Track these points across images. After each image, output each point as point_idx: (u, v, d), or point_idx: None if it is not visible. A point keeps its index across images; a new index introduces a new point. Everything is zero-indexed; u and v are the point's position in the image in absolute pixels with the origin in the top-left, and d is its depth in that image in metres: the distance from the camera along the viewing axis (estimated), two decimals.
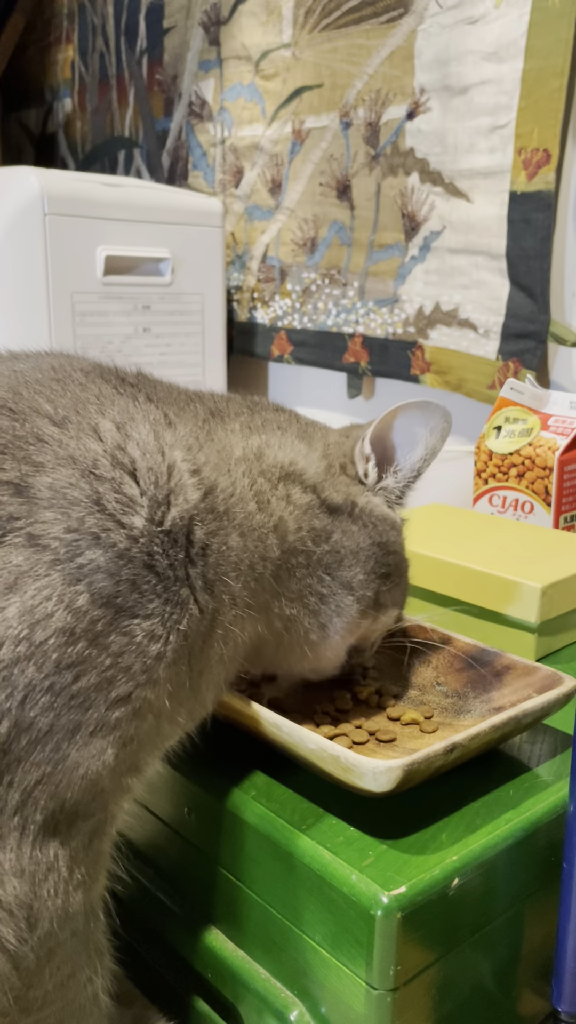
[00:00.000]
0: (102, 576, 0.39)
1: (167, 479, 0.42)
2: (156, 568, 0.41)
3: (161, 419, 0.45)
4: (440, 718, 0.56)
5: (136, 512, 0.41)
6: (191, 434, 0.46)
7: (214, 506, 0.44)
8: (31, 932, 0.40)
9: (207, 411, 0.51)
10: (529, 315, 1.09)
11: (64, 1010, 0.43)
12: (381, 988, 0.43)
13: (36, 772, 0.39)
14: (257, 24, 1.40)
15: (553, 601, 0.69)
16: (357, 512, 0.53)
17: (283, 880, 0.47)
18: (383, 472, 0.55)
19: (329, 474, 0.53)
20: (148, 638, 0.41)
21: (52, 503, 0.39)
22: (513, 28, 1.04)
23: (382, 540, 0.54)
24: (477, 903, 0.46)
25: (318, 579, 0.51)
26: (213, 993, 0.52)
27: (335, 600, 0.52)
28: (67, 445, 0.41)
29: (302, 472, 0.51)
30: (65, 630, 0.39)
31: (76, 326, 1.21)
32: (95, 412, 0.43)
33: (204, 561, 0.43)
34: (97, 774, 0.40)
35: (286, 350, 1.44)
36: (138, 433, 0.43)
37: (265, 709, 0.50)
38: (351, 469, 0.55)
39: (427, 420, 0.55)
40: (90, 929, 0.44)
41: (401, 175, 1.22)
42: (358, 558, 0.53)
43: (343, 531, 0.52)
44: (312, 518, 0.51)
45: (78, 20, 1.83)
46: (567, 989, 0.46)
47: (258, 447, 0.50)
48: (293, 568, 0.50)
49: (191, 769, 0.54)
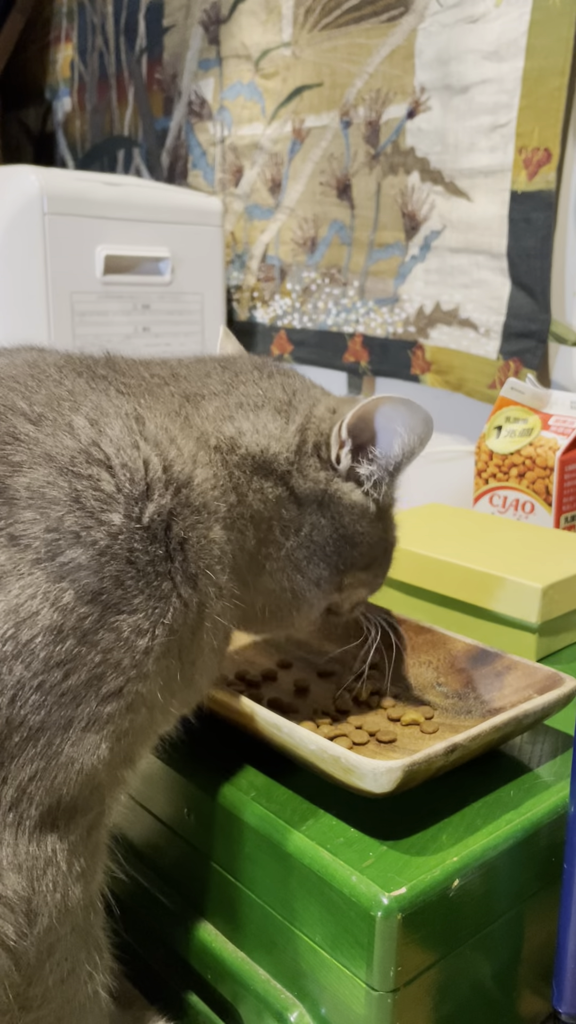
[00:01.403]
0: (86, 573, 0.39)
1: (143, 474, 0.42)
2: (137, 564, 0.41)
3: (132, 412, 0.45)
4: (440, 719, 0.56)
5: (114, 509, 0.41)
6: (165, 424, 0.46)
7: (190, 500, 0.44)
8: (31, 927, 0.40)
9: (182, 395, 0.50)
10: (530, 314, 1.08)
11: (64, 1007, 0.43)
12: (381, 989, 0.43)
13: (30, 768, 0.39)
14: (257, 23, 1.40)
15: (554, 601, 0.68)
16: (326, 500, 0.53)
17: (283, 881, 0.47)
18: (357, 459, 0.54)
19: (301, 454, 0.52)
20: (135, 633, 0.41)
21: (31, 503, 0.39)
22: (514, 27, 1.03)
23: (348, 533, 0.54)
24: (478, 904, 0.46)
25: (287, 577, 0.53)
26: (213, 994, 0.52)
27: (305, 596, 0.54)
28: (43, 443, 0.41)
29: (273, 459, 0.51)
30: (52, 628, 0.39)
31: (75, 326, 1.21)
32: (68, 409, 0.43)
33: (183, 555, 0.43)
34: (93, 768, 0.41)
35: (286, 350, 1.44)
36: (111, 429, 0.43)
37: (265, 710, 0.50)
38: (324, 451, 0.53)
39: (406, 419, 0.53)
40: (90, 923, 0.44)
41: (401, 174, 1.22)
42: (325, 553, 0.53)
43: (312, 524, 0.53)
44: (282, 509, 0.52)
45: (77, 19, 1.83)
46: (567, 990, 0.46)
47: (231, 436, 0.50)
48: (264, 560, 0.52)
49: (191, 769, 0.54)
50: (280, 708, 0.57)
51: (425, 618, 0.73)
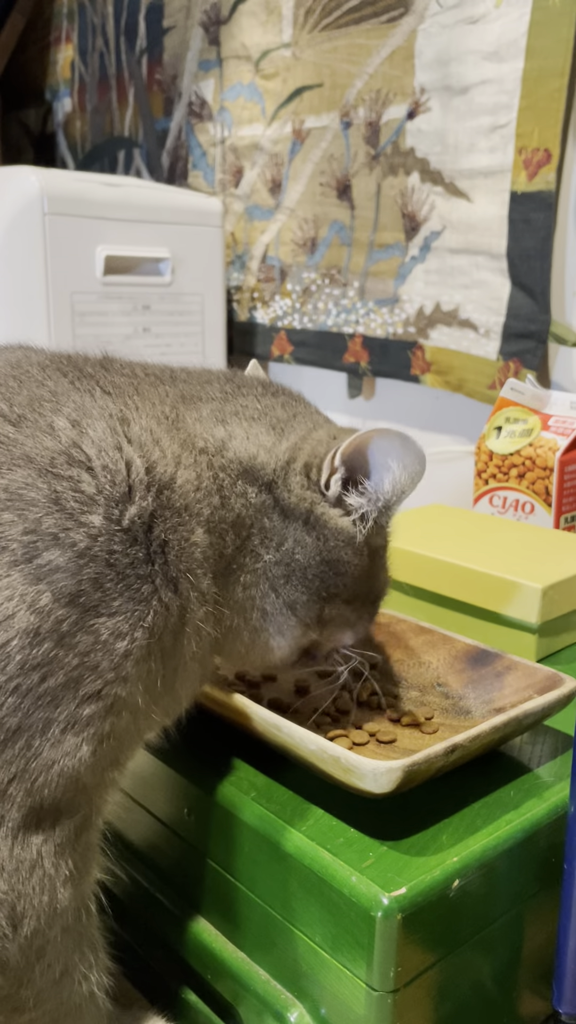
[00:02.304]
0: (63, 575, 0.39)
1: (125, 476, 0.42)
2: (117, 566, 0.41)
3: (117, 413, 0.44)
4: (441, 719, 0.56)
5: (94, 511, 0.40)
6: (149, 427, 0.45)
7: (172, 502, 0.44)
8: (15, 930, 0.40)
9: (178, 395, 0.50)
10: (530, 315, 1.08)
11: (59, 1008, 0.43)
12: (381, 989, 0.43)
13: (8, 770, 0.39)
14: (257, 24, 1.40)
15: (554, 602, 0.68)
16: (312, 521, 0.51)
17: (283, 881, 0.47)
18: (347, 488, 0.52)
19: (288, 471, 0.50)
20: (114, 636, 0.40)
21: (8, 505, 0.39)
22: (513, 28, 1.04)
23: (332, 558, 0.51)
24: (477, 904, 0.46)
25: (262, 593, 0.50)
26: (213, 994, 0.52)
27: (276, 620, 0.51)
28: (23, 444, 0.41)
29: (261, 468, 0.49)
30: (29, 631, 0.38)
31: (76, 326, 1.21)
32: (50, 410, 0.43)
33: (164, 558, 0.43)
34: (74, 770, 0.40)
35: (286, 350, 1.44)
36: (93, 430, 0.42)
37: (265, 710, 0.50)
38: (314, 474, 0.51)
39: (400, 455, 0.51)
40: (82, 924, 0.43)
41: (401, 175, 1.22)
42: (304, 576, 0.50)
43: (295, 540, 0.50)
44: (265, 517, 0.50)
45: (78, 20, 1.83)
46: (567, 990, 0.46)
47: (221, 439, 0.49)
48: (239, 571, 0.49)
49: (191, 769, 0.54)
50: (280, 708, 0.57)
51: (425, 618, 0.74)
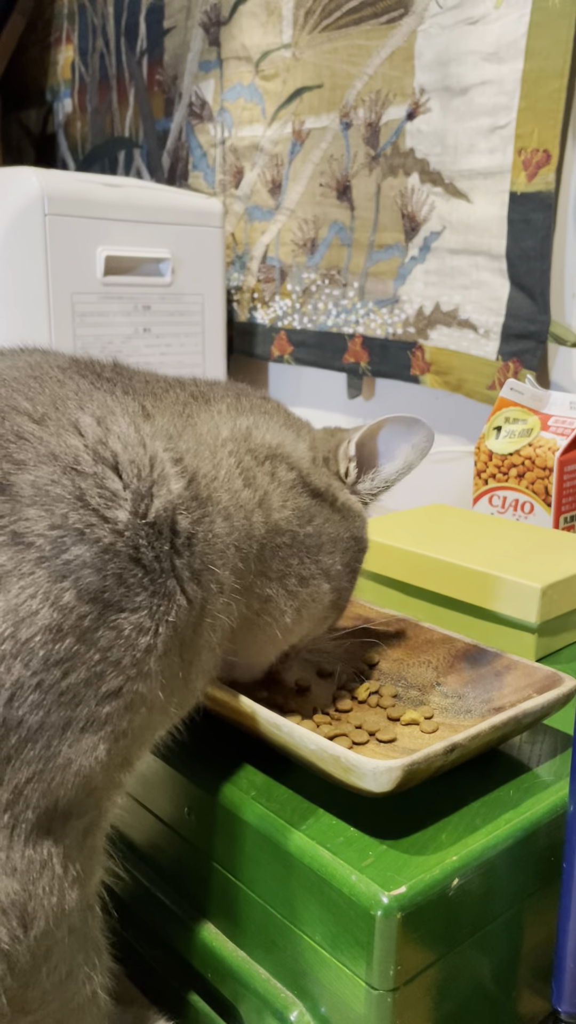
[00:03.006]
0: (88, 572, 0.39)
1: (149, 471, 0.42)
2: (142, 561, 0.41)
3: (139, 411, 0.45)
4: (440, 718, 0.56)
5: (120, 506, 0.41)
6: (170, 423, 0.46)
7: (197, 493, 0.44)
8: (25, 931, 0.40)
9: (188, 395, 0.52)
10: (529, 315, 1.09)
11: (62, 1009, 0.43)
12: (381, 988, 0.43)
13: (27, 770, 0.39)
14: (257, 24, 1.40)
15: (553, 601, 0.69)
16: (338, 504, 0.56)
17: (283, 880, 0.47)
18: (362, 475, 0.58)
19: (314, 464, 0.55)
20: (136, 631, 0.40)
21: (35, 500, 0.39)
22: (513, 29, 1.04)
23: (358, 535, 0.57)
24: (477, 903, 0.46)
25: (299, 560, 0.53)
26: (213, 993, 0.52)
27: (314, 584, 0.54)
28: (48, 442, 0.41)
29: (288, 455, 0.53)
30: (52, 627, 0.38)
31: (76, 326, 1.21)
32: (74, 408, 0.43)
33: (190, 551, 0.43)
34: (90, 770, 0.40)
35: (286, 350, 1.44)
36: (118, 426, 0.43)
37: (265, 709, 0.50)
38: (333, 465, 0.57)
39: (411, 437, 0.58)
40: (87, 925, 0.44)
41: (401, 175, 1.22)
42: (337, 546, 0.55)
43: (325, 517, 0.54)
44: (296, 496, 0.53)
45: (78, 20, 1.83)
46: (567, 989, 0.46)
47: (247, 428, 0.51)
48: (277, 548, 0.52)
49: (191, 769, 0.54)
50: (280, 708, 0.57)
51: (425, 618, 0.74)
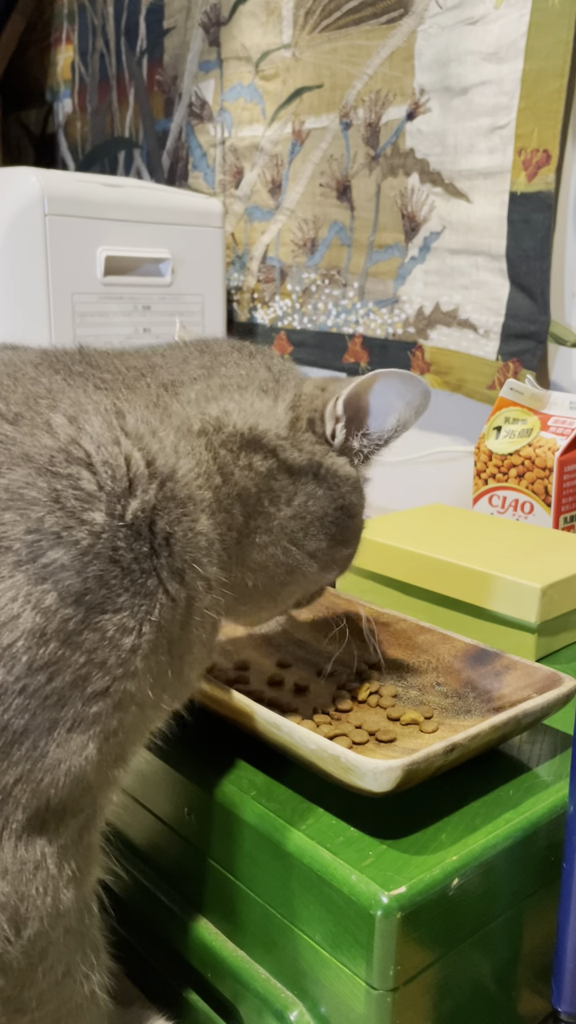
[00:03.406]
0: (68, 574, 0.39)
1: (125, 471, 0.42)
2: (121, 563, 0.40)
3: (111, 408, 0.44)
4: (440, 718, 0.56)
5: (96, 508, 0.40)
6: (144, 419, 0.45)
7: (175, 493, 0.43)
8: (17, 933, 0.40)
9: (159, 385, 0.50)
10: (529, 315, 1.09)
11: (60, 1009, 0.43)
12: (381, 988, 0.43)
13: (14, 771, 0.38)
14: (257, 25, 1.40)
15: (553, 601, 0.69)
16: (322, 473, 0.53)
17: (283, 880, 0.47)
18: (351, 434, 0.54)
19: (294, 429, 0.52)
20: (120, 632, 0.40)
21: (10, 504, 0.39)
22: (513, 29, 1.04)
23: (345, 503, 0.54)
24: (477, 903, 0.46)
25: (283, 550, 0.52)
26: (213, 993, 0.52)
27: (301, 570, 0.53)
28: (21, 443, 0.40)
29: (263, 435, 0.50)
30: (35, 631, 0.38)
31: (76, 326, 1.21)
32: (46, 407, 0.42)
33: (169, 551, 0.43)
34: (81, 769, 0.40)
35: (286, 351, 1.44)
36: (91, 426, 0.42)
37: (265, 709, 0.50)
38: (319, 426, 0.53)
39: (405, 393, 0.53)
40: (84, 925, 0.43)
41: (401, 176, 1.22)
42: (323, 524, 0.53)
43: (307, 494, 0.52)
44: (272, 481, 0.51)
45: (78, 20, 1.83)
46: (567, 989, 0.46)
47: (216, 417, 0.49)
48: (254, 533, 0.51)
49: (190, 769, 0.54)
50: (280, 707, 0.57)
51: (425, 618, 0.74)
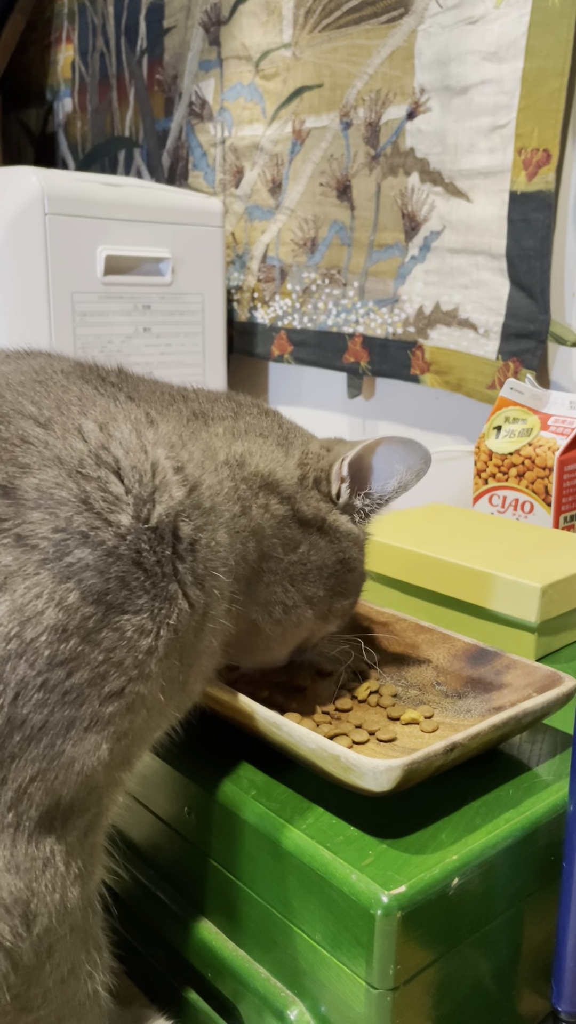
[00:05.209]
0: (92, 574, 0.39)
1: (151, 477, 0.43)
2: (144, 565, 0.41)
3: (142, 417, 0.45)
4: (440, 718, 0.56)
5: (122, 510, 0.41)
6: (174, 432, 0.47)
7: (200, 502, 0.45)
8: (28, 929, 0.40)
9: (191, 412, 0.53)
10: (529, 315, 1.09)
11: (64, 1007, 0.44)
12: (381, 987, 0.43)
13: (31, 769, 0.39)
14: (257, 24, 1.40)
15: (553, 601, 0.69)
16: (325, 527, 0.56)
17: (283, 879, 0.47)
18: (354, 493, 0.57)
19: (302, 486, 0.55)
20: (138, 633, 0.41)
21: (39, 503, 0.40)
22: (513, 28, 1.04)
23: (345, 557, 0.57)
24: (477, 903, 0.46)
25: (284, 589, 0.54)
26: (213, 992, 0.53)
27: (296, 612, 0.55)
28: (53, 446, 0.41)
29: (279, 483, 0.53)
30: (57, 627, 0.39)
31: (76, 326, 1.21)
32: (77, 413, 0.44)
33: (193, 556, 0.43)
34: (92, 769, 0.41)
35: (286, 350, 1.44)
36: (120, 432, 0.43)
37: (265, 708, 0.50)
38: (324, 486, 0.57)
39: (407, 457, 0.57)
40: (89, 923, 0.44)
41: (401, 175, 1.22)
42: (322, 574, 0.56)
43: (311, 544, 0.55)
44: (285, 527, 0.53)
45: (78, 20, 1.83)
46: (567, 989, 0.46)
47: (241, 454, 0.52)
48: (263, 573, 0.53)
49: (191, 769, 0.54)
50: (280, 707, 0.57)
51: (425, 618, 0.74)
